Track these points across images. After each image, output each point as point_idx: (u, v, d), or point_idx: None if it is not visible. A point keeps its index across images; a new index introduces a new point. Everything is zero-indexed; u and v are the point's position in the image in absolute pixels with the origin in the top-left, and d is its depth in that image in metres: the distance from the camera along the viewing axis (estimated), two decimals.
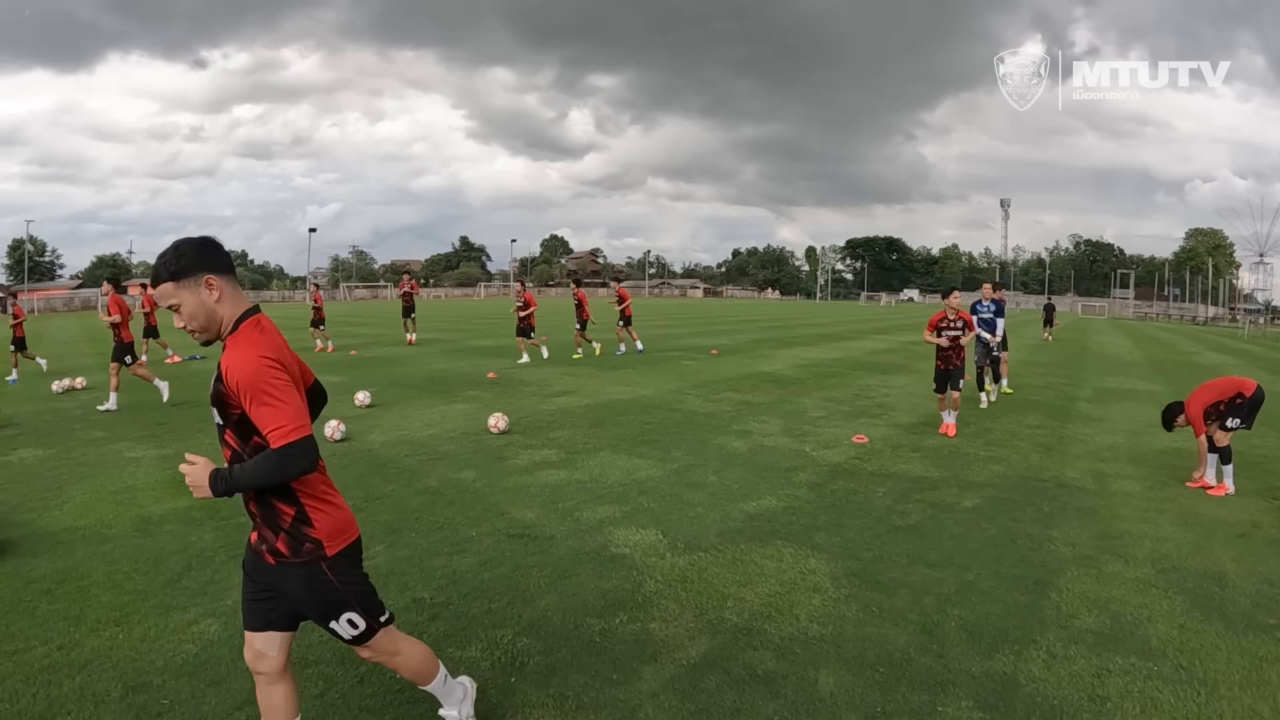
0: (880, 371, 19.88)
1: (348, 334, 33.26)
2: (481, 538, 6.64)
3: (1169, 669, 4.50)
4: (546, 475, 8.62)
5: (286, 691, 3.44)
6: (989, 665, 4.49)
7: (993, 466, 9.37)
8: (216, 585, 5.64)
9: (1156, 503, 7.98)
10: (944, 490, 8.23)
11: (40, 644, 4.73)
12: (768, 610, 5.21)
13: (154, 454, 9.80)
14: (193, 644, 4.74)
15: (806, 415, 12.79)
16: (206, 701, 4.11)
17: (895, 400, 14.73)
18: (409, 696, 4.13)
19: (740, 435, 11.00)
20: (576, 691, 4.18)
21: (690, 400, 14.29)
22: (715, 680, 4.30)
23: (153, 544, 6.49)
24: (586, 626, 4.93)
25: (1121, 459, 9.99)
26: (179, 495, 7.85)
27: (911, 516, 7.34)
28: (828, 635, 4.85)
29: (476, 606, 5.26)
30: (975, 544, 6.60)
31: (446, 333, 34.15)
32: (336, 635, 3.32)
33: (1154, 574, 5.98)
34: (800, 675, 4.36)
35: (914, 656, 4.59)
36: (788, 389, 16.15)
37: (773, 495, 7.94)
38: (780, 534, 6.75)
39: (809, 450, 10.07)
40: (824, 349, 26.81)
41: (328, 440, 10.34)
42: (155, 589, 5.55)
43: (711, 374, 18.59)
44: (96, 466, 9.06)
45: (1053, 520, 7.32)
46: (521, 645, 4.70)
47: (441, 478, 8.53)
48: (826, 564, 6.05)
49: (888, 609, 5.25)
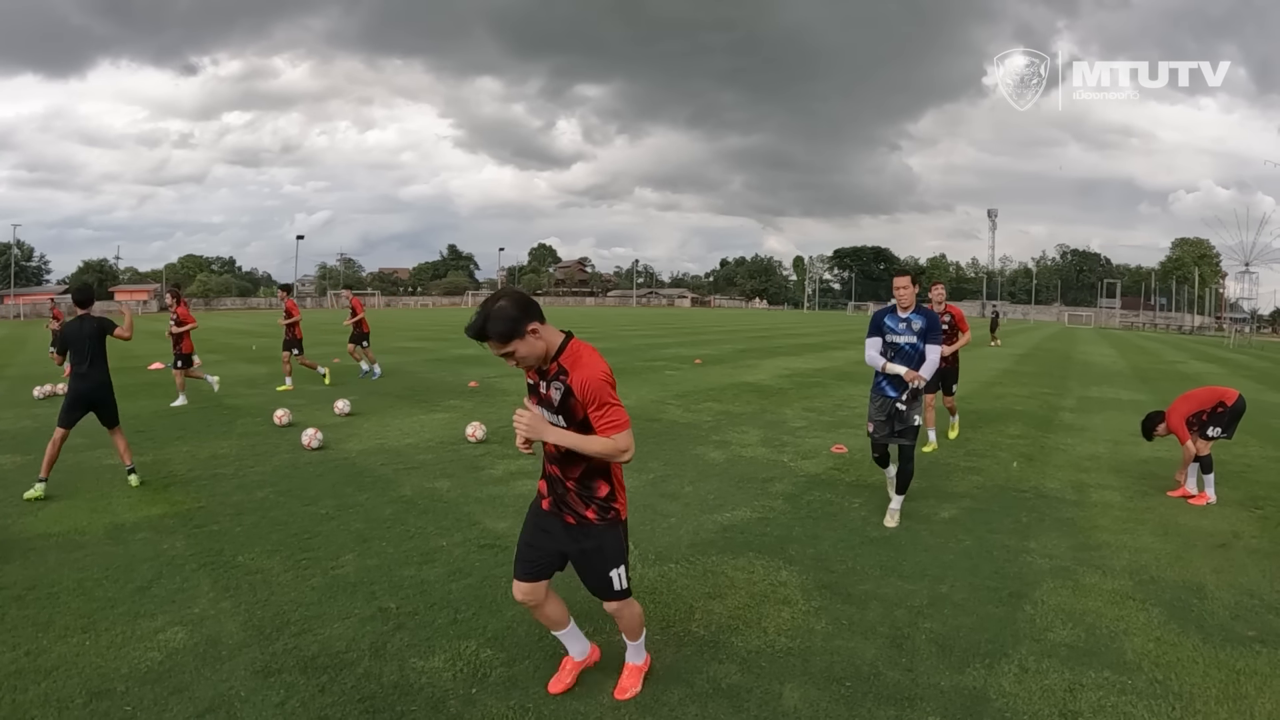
0: (864, 382, 19.75)
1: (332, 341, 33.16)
2: (452, 548, 6.59)
3: (1144, 683, 4.46)
4: (521, 485, 8.54)
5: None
6: (959, 679, 4.44)
7: (972, 477, 9.33)
8: (185, 593, 5.59)
9: (1136, 513, 7.94)
10: (921, 501, 8.17)
11: (8, 650, 4.71)
12: (735, 623, 5.15)
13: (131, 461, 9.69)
14: (158, 651, 4.71)
15: (787, 426, 12.74)
16: (169, 709, 4.08)
17: None
18: (369, 706, 4.11)
19: (719, 446, 10.94)
20: (537, 704, 4.14)
21: (671, 410, 14.24)
22: (678, 694, 4.26)
23: (124, 551, 6.44)
24: (551, 639, 4.85)
25: (1103, 469, 9.96)
26: (153, 503, 7.82)
27: (886, 528, 7.29)
28: (795, 649, 4.80)
29: (442, 617, 5.21)
30: (950, 556, 6.55)
31: (431, 341, 34.08)
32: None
33: (1132, 585, 5.94)
34: (765, 689, 4.31)
35: (882, 670, 4.54)
36: (770, 399, 16.12)
37: (748, 506, 7.89)
38: (753, 545, 6.70)
39: (787, 461, 10.03)
40: (808, 359, 26.81)
41: (304, 448, 10.27)
42: (124, 596, 5.50)
43: (694, 384, 18.55)
44: (73, 473, 8.98)
45: (1030, 531, 7.27)
46: (485, 656, 4.66)
47: (415, 487, 8.46)
48: (798, 576, 5.99)
49: (858, 622, 5.20)
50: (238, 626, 5.05)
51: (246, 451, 10.37)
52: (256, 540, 6.73)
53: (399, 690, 4.27)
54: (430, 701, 4.17)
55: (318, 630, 4.99)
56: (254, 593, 5.59)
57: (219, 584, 5.76)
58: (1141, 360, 31.84)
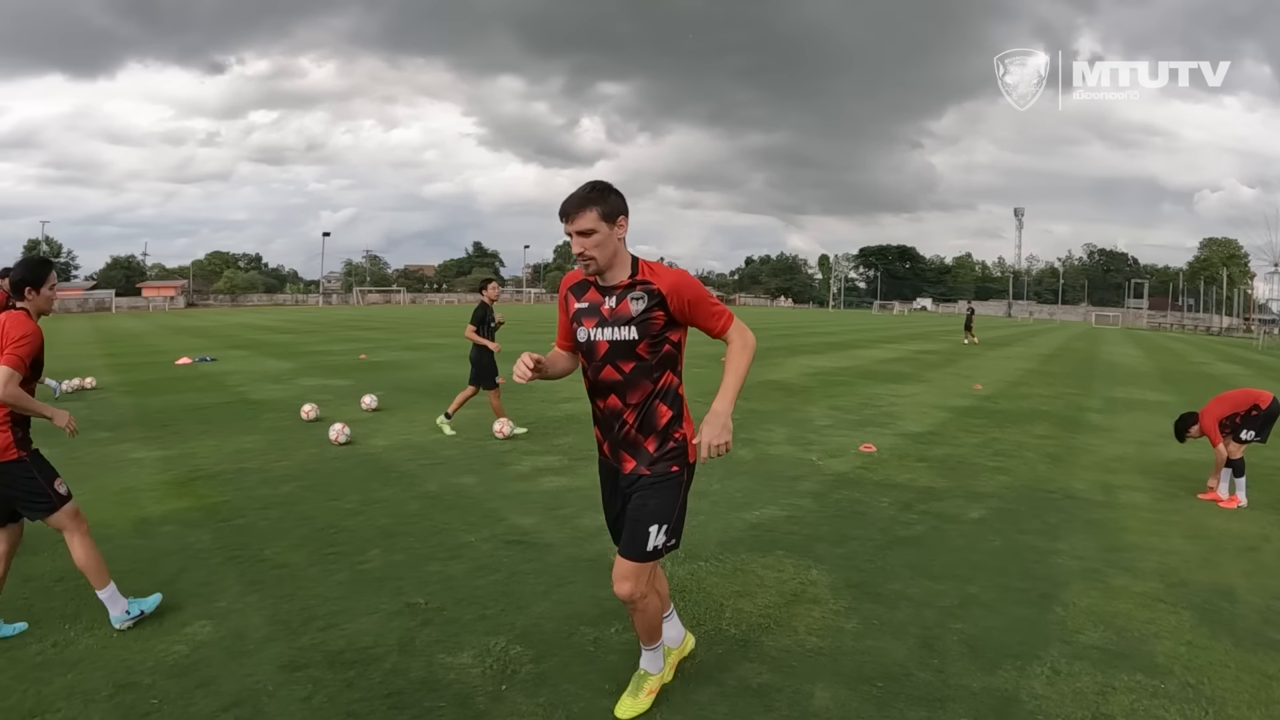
0: (889, 380, 19.79)
1: (358, 338, 33.34)
2: (478, 543, 6.58)
3: (1175, 686, 4.39)
4: (547, 481, 8.55)
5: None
6: (990, 681, 4.39)
7: (999, 477, 9.26)
8: (211, 587, 5.58)
9: (1165, 515, 7.86)
10: (949, 501, 8.12)
11: (34, 641, 4.71)
12: (766, 622, 5.12)
13: (157, 455, 9.78)
14: (184, 645, 4.69)
15: (813, 424, 12.70)
16: (194, 702, 4.05)
17: (903, 409, 14.64)
18: (396, 702, 4.08)
19: (746, 443, 10.88)
20: (566, 701, 4.11)
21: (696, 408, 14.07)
22: (708, 693, 4.22)
23: (150, 545, 6.46)
24: (580, 635, 4.86)
25: (1130, 470, 9.88)
26: (179, 497, 7.85)
27: (915, 527, 7.24)
28: (825, 648, 4.76)
29: (469, 612, 5.19)
30: (979, 556, 6.50)
31: (456, 338, 34.16)
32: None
33: (1161, 588, 5.86)
34: (795, 689, 4.26)
35: (913, 671, 4.49)
36: (795, 397, 16.07)
37: (776, 504, 7.85)
38: (782, 544, 6.66)
39: (814, 459, 9.98)
40: (833, 357, 26.76)
41: (331, 443, 10.31)
42: (150, 589, 5.49)
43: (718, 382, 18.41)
44: (99, 467, 9.03)
45: (1059, 532, 7.20)
46: (513, 653, 4.63)
47: (442, 482, 8.47)
48: (827, 575, 5.95)
49: (888, 622, 5.15)
50: (264, 621, 5.05)
51: (272, 446, 10.41)
52: (282, 535, 6.75)
53: (426, 686, 4.25)
54: (458, 698, 4.14)
55: (344, 625, 4.98)
56: (280, 587, 5.59)
57: (245, 578, 5.76)
58: (1168, 361, 31.60)
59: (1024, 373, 23.17)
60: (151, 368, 20.24)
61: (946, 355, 29.33)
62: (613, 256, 3.63)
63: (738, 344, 3.74)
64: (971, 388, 18.42)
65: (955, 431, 12.31)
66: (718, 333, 3.73)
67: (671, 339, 3.72)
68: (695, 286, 3.68)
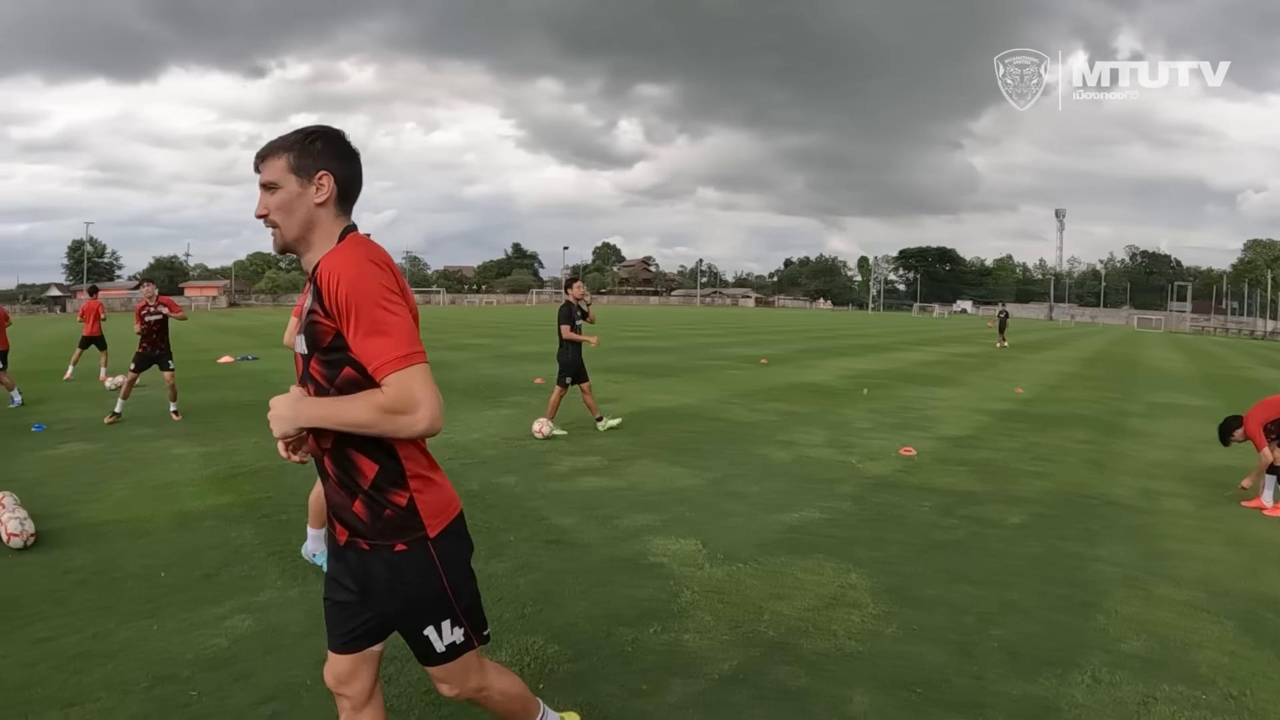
0: (927, 383, 19.67)
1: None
2: (518, 543, 6.61)
3: (1217, 698, 4.32)
4: (586, 482, 8.58)
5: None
6: (1029, 689, 4.35)
7: (1039, 482, 9.17)
8: (252, 581, 5.66)
9: (1207, 522, 7.77)
10: (989, 506, 8.06)
11: (73, 632, 4.78)
12: (804, 625, 5.10)
13: (198, 451, 9.92)
14: (224, 638, 4.76)
15: (852, 427, 12.65)
16: (232, 695, 4.11)
17: (942, 413, 14.55)
18: (434, 699, 4.08)
19: (783, 446, 10.88)
20: (603, 701, 4.12)
21: (734, 410, 14.21)
22: (745, 695, 4.21)
23: (191, 539, 6.54)
24: (618, 635, 4.87)
25: (1172, 476, 9.76)
26: (220, 492, 7.95)
27: (955, 532, 7.19)
28: (864, 653, 4.74)
29: (508, 611, 5.21)
30: (1019, 562, 6.43)
31: (495, 339, 34.30)
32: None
33: (1203, 597, 5.77)
34: (833, 693, 4.25)
35: (951, 677, 4.46)
36: (833, 400, 16.01)
37: (814, 507, 7.81)
38: (820, 547, 6.63)
39: (854, 462, 9.94)
40: (872, 360, 26.62)
41: None
42: (190, 583, 5.59)
43: (756, 384, 18.50)
44: (140, 462, 9.16)
45: (1099, 538, 7.12)
46: (551, 652, 4.65)
47: (482, 481, 8.51)
48: (866, 579, 5.91)
49: (927, 627, 5.11)
50: (303, 615, 5.10)
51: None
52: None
53: None
54: None
55: None
56: (320, 582, 5.61)
57: (286, 573, 5.83)
58: (1211, 366, 31.12)
59: (1065, 376, 22.95)
60: (194, 366, 20.44)
61: (986, 358, 29.09)
62: (306, 228, 2.54)
63: (384, 403, 2.29)
64: (1012, 391, 18.26)
65: (995, 435, 12.21)
66: (371, 371, 2.34)
67: (354, 357, 2.43)
68: (359, 280, 2.34)
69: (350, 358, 2.40)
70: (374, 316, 2.32)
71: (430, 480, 2.64)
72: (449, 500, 2.73)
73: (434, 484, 2.65)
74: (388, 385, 2.30)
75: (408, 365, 2.31)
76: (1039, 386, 19.73)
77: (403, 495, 2.56)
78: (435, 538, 2.61)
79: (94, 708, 3.96)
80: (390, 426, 2.33)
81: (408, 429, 2.34)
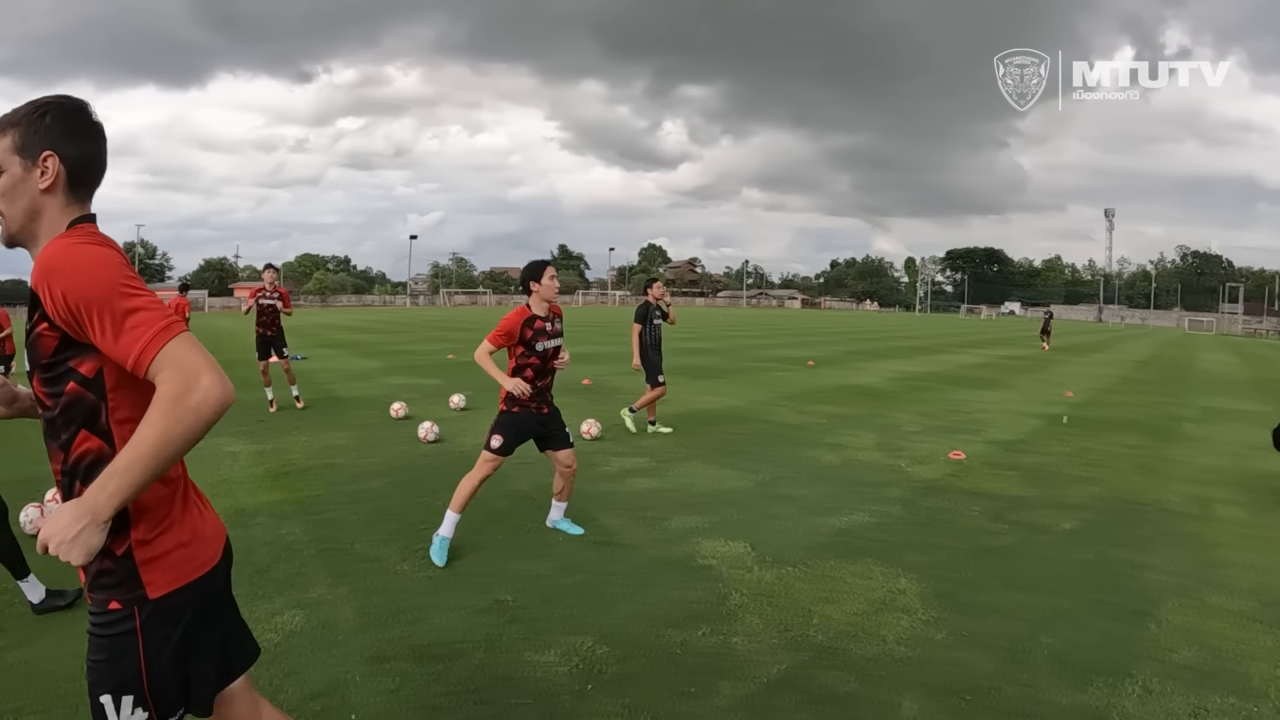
0: (976, 386, 19.47)
1: (445, 338, 33.74)
2: (565, 543, 6.62)
3: (1269, 711, 4.23)
4: (634, 483, 8.56)
5: None
6: (1080, 698, 4.27)
7: (1090, 488, 9.02)
8: (303, 578, 5.71)
9: (1262, 530, 7.60)
10: (1039, 511, 7.94)
11: None
12: (853, 630, 5.05)
13: (251, 449, 10.04)
14: (275, 633, 4.80)
15: (901, 430, 12.55)
16: (284, 690, 4.14)
17: (991, 416, 14.37)
18: (481, 698, 4.11)
19: (832, 448, 10.81)
20: (651, 703, 4.10)
21: (781, 412, 14.14)
22: (793, 699, 4.18)
23: (243, 535, 6.59)
24: (666, 637, 4.85)
25: (1225, 483, 9.56)
26: (271, 490, 8.04)
27: (1005, 538, 7.09)
28: (913, 658, 4.68)
29: (556, 611, 5.22)
30: (1069, 569, 6.33)
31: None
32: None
33: (1257, 607, 5.64)
34: (881, 699, 4.20)
35: (1001, 685, 4.39)
36: (881, 402, 15.89)
37: (863, 511, 7.75)
38: (869, 551, 6.57)
39: (903, 465, 9.85)
40: (919, 362, 26.41)
41: (420, 441, 10.45)
42: (242, 579, 5.59)
43: (803, 386, 18.41)
44: (194, 459, 9.16)
45: (1151, 546, 6.99)
46: (600, 653, 4.64)
47: (530, 482, 8.51)
48: (916, 584, 5.85)
49: (976, 633, 5.04)
50: (353, 612, 5.13)
51: (362, 442, 10.59)
52: (372, 529, 6.86)
53: (511, 683, 4.28)
54: (543, 696, 4.16)
55: (431, 620, 5.04)
56: (369, 580, 5.69)
57: (335, 570, 5.87)
58: (1265, 369, 30.54)
59: (1116, 380, 22.64)
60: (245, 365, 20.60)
61: (1035, 361, 28.76)
62: (30, 217, 2.17)
63: (166, 393, 1.91)
64: (1062, 395, 18.03)
65: (1045, 440, 12.04)
66: (132, 365, 1.96)
67: (80, 371, 2.09)
68: (89, 273, 1.99)
69: (74, 370, 2.07)
70: (119, 308, 1.96)
71: (169, 525, 2.28)
72: (192, 557, 2.32)
73: (172, 530, 2.28)
74: (159, 366, 1.93)
75: (170, 337, 1.96)
76: (1089, 390, 19.47)
77: (122, 547, 2.18)
78: (161, 600, 2.26)
79: None
80: (190, 420, 1.92)
81: (206, 408, 1.93)
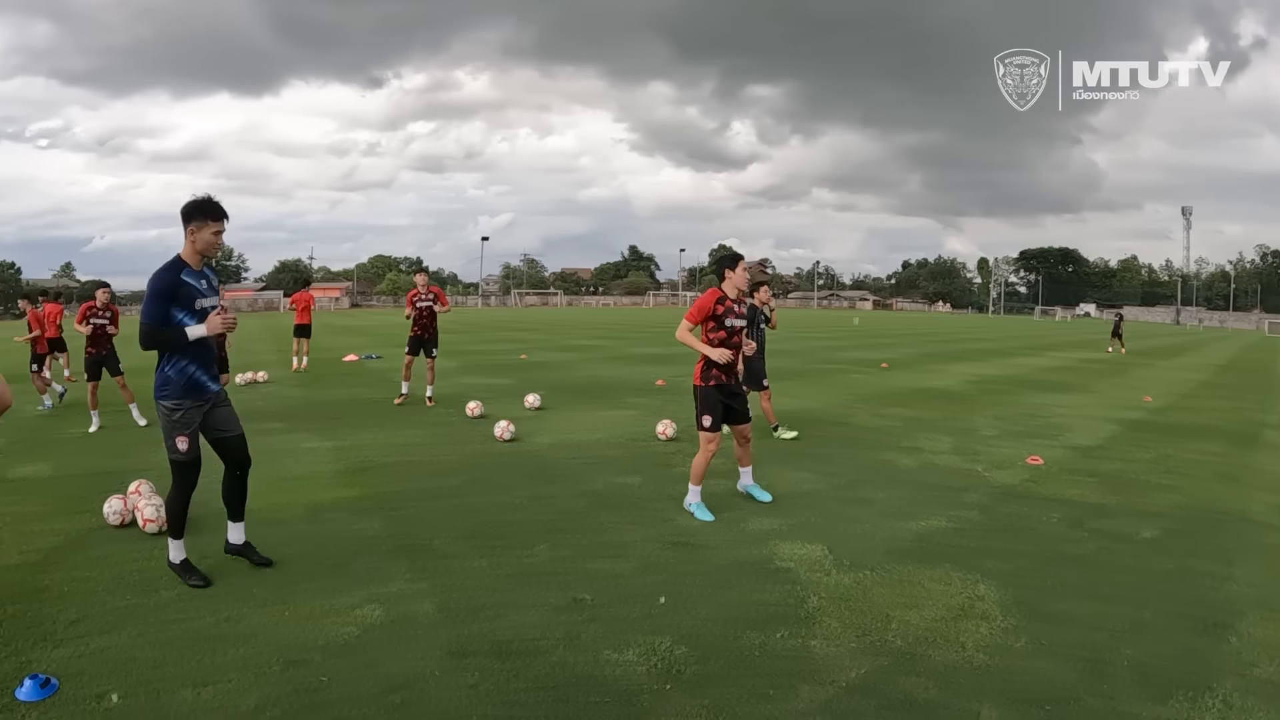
0: (1053, 390, 19.13)
1: (518, 339, 34.01)
2: (643, 543, 6.63)
3: None
4: (715, 484, 8.47)
5: None
6: (1160, 711, 4.18)
7: (1171, 496, 8.80)
8: (380, 572, 5.80)
9: None
10: (1119, 519, 7.78)
11: (207, 614, 4.99)
12: (932, 636, 5.00)
13: (328, 446, 10.21)
14: (354, 627, 4.88)
15: (978, 434, 12.37)
16: (362, 682, 4.21)
17: (1069, 421, 14.10)
18: (560, 695, 4.14)
19: (909, 452, 10.71)
20: (730, 704, 4.09)
21: (858, 414, 14.03)
22: (872, 705, 4.14)
23: (321, 530, 6.74)
24: (744, 639, 4.84)
25: None
26: (350, 486, 8.18)
27: (1084, 545, 6.96)
28: (993, 666, 4.62)
29: (635, 611, 5.23)
30: (1150, 579, 6.19)
31: (612, 340, 34.52)
32: None
33: None
34: (961, 707, 4.15)
35: (1081, 696, 4.31)
36: (958, 406, 15.68)
37: (941, 515, 7.66)
38: (948, 556, 6.49)
39: (981, 470, 9.72)
40: (994, 365, 26.01)
41: (496, 440, 10.56)
42: (321, 572, 5.75)
43: (878, 388, 18.26)
44: (273, 455, 9.41)
45: (1233, 557, 6.80)
46: (679, 653, 4.64)
47: (606, 482, 8.57)
48: (995, 591, 5.76)
49: (1056, 643, 4.96)
50: (433, 608, 5.19)
51: (439, 440, 10.73)
52: (450, 526, 6.93)
53: (591, 681, 4.30)
54: (622, 695, 4.17)
55: (511, 616, 5.08)
56: (448, 576, 5.75)
57: (414, 566, 5.94)
58: None
59: (1196, 385, 22.10)
60: (321, 364, 21.03)
61: (1113, 365, 28.17)
62: None
63: None
64: (1141, 400, 17.67)
65: (1125, 446, 11.79)
66: None
67: None
68: None
69: None
70: None
71: None
72: None
73: None
74: None
75: None
76: (1169, 395, 19.01)
77: None
78: None
79: (225, 688, 4.11)
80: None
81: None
